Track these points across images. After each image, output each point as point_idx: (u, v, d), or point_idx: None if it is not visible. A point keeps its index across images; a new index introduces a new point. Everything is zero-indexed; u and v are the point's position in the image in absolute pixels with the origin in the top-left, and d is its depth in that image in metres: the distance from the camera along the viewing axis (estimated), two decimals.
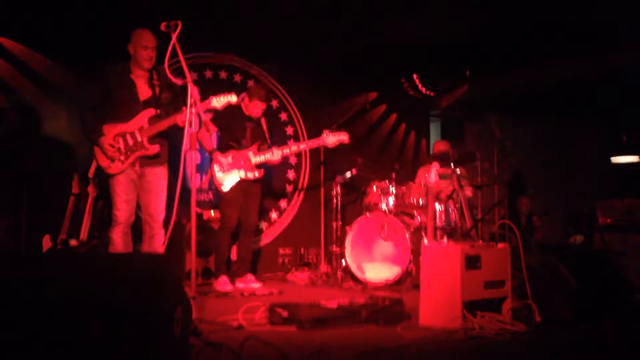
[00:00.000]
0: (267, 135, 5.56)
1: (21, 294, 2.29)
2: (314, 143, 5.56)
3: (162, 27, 3.90)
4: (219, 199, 5.43)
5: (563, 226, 8.77)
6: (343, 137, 5.46)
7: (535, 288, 3.65)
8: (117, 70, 4.35)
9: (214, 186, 5.42)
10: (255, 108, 5.37)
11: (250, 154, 5.33)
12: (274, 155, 5.34)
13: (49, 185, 5.48)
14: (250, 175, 5.31)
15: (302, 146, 5.65)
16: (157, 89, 4.39)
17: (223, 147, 5.35)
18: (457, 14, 6.30)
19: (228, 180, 5.27)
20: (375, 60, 7.48)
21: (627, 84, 7.59)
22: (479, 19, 6.37)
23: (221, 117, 5.16)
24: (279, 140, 6.83)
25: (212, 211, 6.00)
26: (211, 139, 5.46)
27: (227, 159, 5.30)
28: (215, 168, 5.26)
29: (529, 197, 8.36)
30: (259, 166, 5.36)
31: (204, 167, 6.33)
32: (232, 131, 5.34)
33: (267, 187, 6.97)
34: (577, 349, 3.23)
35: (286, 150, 5.42)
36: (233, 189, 5.28)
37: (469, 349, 3.06)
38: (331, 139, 5.41)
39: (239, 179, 5.29)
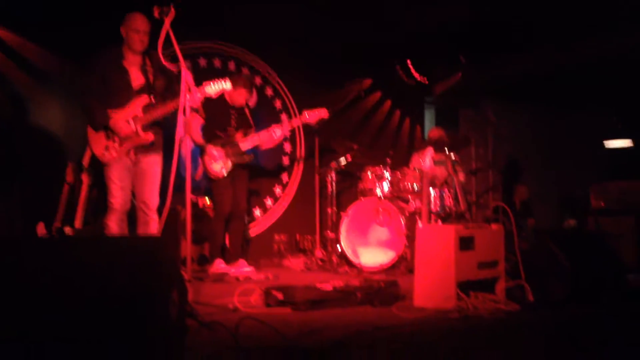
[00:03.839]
0: (251, 121, 5.65)
1: (16, 278, 2.31)
2: (296, 122, 5.79)
3: (155, 12, 3.89)
4: (211, 187, 5.48)
5: (557, 210, 8.81)
6: (323, 113, 5.70)
7: (528, 269, 3.68)
8: (110, 56, 4.31)
9: (207, 176, 5.43)
10: (239, 96, 5.46)
11: (238, 141, 5.43)
12: (261, 137, 5.49)
13: (43, 174, 5.47)
14: (240, 161, 5.42)
15: (286, 127, 5.71)
16: (150, 76, 4.34)
17: (209, 137, 5.41)
18: None
19: (222, 168, 5.34)
20: (369, 47, 7.48)
21: (621, 69, 7.60)
22: (473, 2, 6.37)
23: (206, 108, 5.25)
24: (270, 115, 6.93)
25: (207, 198, 6.02)
26: (200, 131, 5.47)
27: (217, 148, 5.37)
28: (207, 159, 5.34)
29: (527, 185, 8.40)
30: (247, 151, 5.47)
31: (196, 159, 6.37)
32: (217, 120, 5.42)
33: (261, 173, 6.99)
34: (572, 327, 3.26)
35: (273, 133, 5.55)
36: (225, 175, 5.37)
37: (464, 328, 3.07)
38: (312, 116, 5.66)
39: (231, 165, 5.35)
